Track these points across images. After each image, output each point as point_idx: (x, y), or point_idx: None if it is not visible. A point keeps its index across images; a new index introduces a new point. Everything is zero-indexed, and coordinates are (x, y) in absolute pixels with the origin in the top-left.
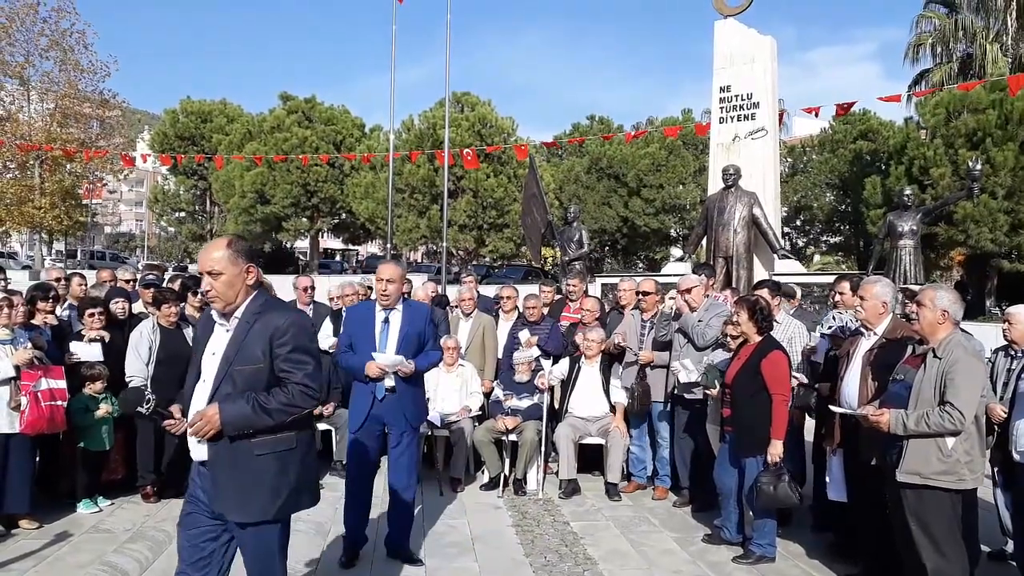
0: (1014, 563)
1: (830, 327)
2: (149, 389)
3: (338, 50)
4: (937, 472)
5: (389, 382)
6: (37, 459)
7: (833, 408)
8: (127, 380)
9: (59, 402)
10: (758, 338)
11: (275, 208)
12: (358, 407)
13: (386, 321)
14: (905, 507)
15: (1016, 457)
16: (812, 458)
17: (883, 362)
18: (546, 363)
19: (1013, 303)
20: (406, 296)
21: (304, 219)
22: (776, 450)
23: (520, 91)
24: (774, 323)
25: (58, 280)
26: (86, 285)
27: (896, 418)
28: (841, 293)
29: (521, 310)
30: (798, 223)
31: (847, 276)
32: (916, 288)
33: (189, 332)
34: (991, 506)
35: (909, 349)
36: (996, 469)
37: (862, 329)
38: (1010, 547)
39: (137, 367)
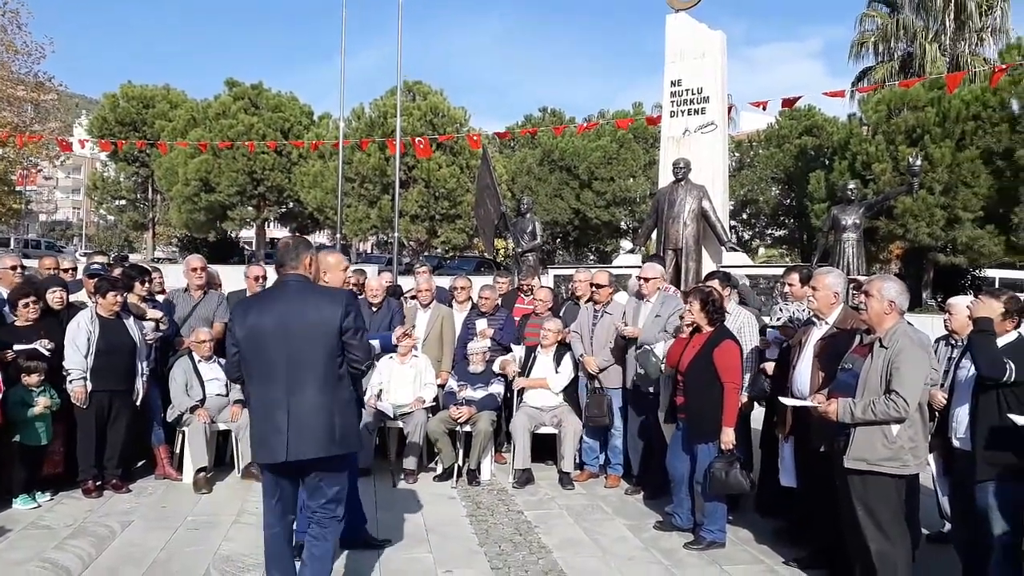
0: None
1: (778, 319)
2: None
3: (286, 36)
4: (882, 458)
5: None
6: None
7: (783, 400)
8: (65, 373)
9: None
10: (710, 328)
11: (220, 196)
12: None
13: None
14: (852, 492)
15: (955, 443)
16: (760, 444)
17: (833, 351)
18: (517, 348)
19: (948, 295)
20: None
21: (250, 208)
22: (728, 437)
23: (473, 82)
24: (725, 314)
25: (13, 268)
26: (23, 272)
27: (844, 406)
28: (791, 284)
29: (475, 301)
30: (744, 216)
31: (796, 268)
32: (862, 279)
33: (130, 322)
34: (930, 491)
35: (857, 339)
36: (935, 454)
37: (814, 319)
38: (947, 529)
39: (76, 360)
